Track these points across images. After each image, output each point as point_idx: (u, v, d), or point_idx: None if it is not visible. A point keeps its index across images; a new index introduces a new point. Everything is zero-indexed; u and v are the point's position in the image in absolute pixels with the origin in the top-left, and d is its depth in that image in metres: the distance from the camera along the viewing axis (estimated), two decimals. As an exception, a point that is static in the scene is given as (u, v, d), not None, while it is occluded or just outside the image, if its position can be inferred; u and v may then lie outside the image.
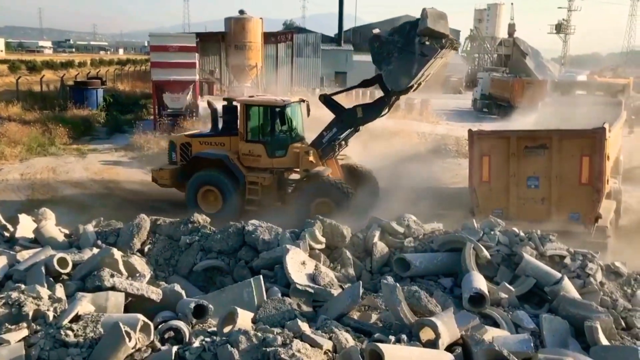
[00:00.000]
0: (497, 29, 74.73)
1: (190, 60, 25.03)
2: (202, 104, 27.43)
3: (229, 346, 4.42)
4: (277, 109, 13.62)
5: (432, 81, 14.34)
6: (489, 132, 11.61)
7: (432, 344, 4.72)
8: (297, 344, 4.42)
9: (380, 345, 4.32)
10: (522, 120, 12.22)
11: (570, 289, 6.29)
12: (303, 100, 14.61)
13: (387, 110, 13.71)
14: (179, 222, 7.76)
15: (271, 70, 39.60)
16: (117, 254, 6.24)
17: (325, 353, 4.53)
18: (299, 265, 6.44)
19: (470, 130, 11.34)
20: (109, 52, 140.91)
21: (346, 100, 15.68)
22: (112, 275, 5.70)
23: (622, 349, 5.28)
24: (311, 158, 13.39)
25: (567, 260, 6.92)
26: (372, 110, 13.53)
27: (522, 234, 7.29)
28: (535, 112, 16.88)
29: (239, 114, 14.09)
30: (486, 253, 6.76)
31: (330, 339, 4.72)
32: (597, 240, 10.24)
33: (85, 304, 5.16)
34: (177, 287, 5.85)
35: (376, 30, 13.12)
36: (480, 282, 6.02)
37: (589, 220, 10.39)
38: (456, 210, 10.98)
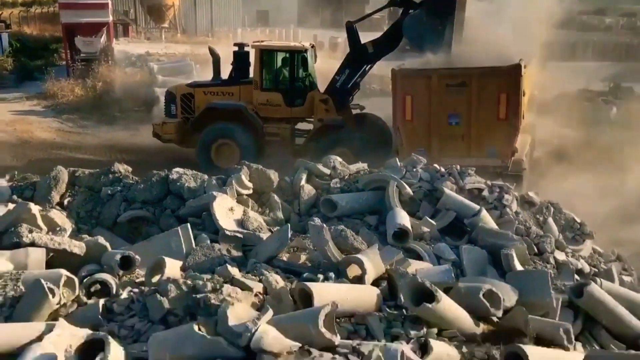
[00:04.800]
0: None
1: (102, 1, 23.56)
2: (118, 47, 26.16)
3: (158, 295, 4.39)
4: (300, 54, 12.88)
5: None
6: (411, 70, 11.72)
7: (359, 280, 4.88)
8: (227, 288, 4.44)
9: (309, 284, 4.41)
10: (444, 57, 12.31)
11: (488, 220, 6.63)
12: (313, 46, 13.89)
13: (398, 43, 12.81)
14: (99, 172, 7.47)
15: (189, 10, 38.09)
16: (35, 208, 5.95)
17: (255, 295, 4.58)
18: (226, 211, 6.40)
19: (393, 70, 11.42)
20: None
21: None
22: (30, 231, 5.46)
23: (534, 272, 5.68)
24: (327, 106, 12.78)
25: (485, 193, 7.25)
26: (384, 44, 12.63)
27: (442, 170, 7.54)
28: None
29: (253, 60, 13.19)
30: (409, 190, 6.96)
31: (260, 281, 4.77)
32: (513, 173, 10.77)
33: (3, 262, 4.95)
34: (101, 240, 5.70)
35: None
36: (403, 218, 6.23)
37: (505, 155, 10.87)
38: None
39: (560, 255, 6.52)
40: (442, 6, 11.74)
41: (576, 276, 6.17)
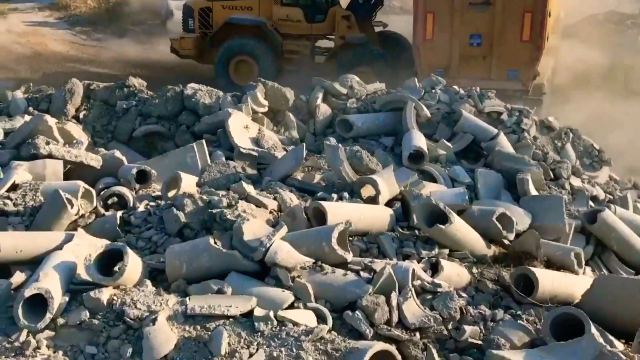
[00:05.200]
0: None
1: None
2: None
3: (175, 209, 4.46)
4: None
5: None
6: None
7: (373, 200, 4.90)
8: (242, 204, 4.49)
9: (323, 202, 4.45)
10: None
11: (505, 144, 6.54)
12: None
13: None
14: (113, 86, 7.42)
15: None
16: (51, 120, 5.96)
17: (270, 212, 4.64)
18: (242, 128, 6.37)
19: (414, -15, 10.96)
20: None
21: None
22: (47, 143, 5.50)
23: (549, 197, 5.67)
24: (349, 23, 12.34)
25: (504, 117, 7.13)
26: None
27: (462, 91, 7.38)
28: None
29: None
30: (426, 111, 6.85)
31: (275, 199, 4.81)
32: (534, 97, 10.54)
33: (21, 173, 5.01)
34: (118, 153, 5.74)
35: None
36: (419, 140, 6.17)
37: (527, 78, 10.59)
38: None
39: (576, 181, 6.47)
40: None
41: (591, 202, 6.15)
